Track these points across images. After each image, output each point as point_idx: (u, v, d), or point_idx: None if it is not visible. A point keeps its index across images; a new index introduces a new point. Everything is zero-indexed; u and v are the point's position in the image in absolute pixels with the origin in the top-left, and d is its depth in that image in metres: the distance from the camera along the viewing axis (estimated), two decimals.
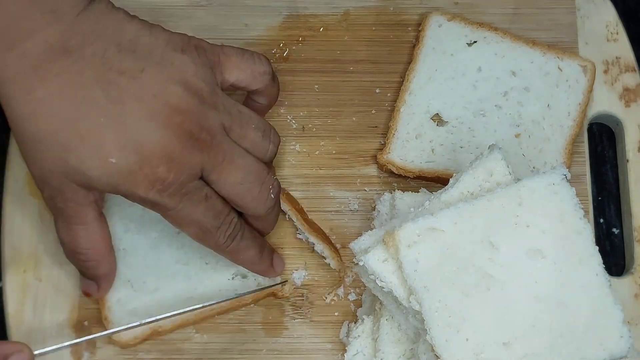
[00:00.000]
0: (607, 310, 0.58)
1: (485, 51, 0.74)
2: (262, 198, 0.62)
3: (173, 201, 0.58)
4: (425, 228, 0.59)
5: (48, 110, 0.55)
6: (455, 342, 0.57)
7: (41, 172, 0.58)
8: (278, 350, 0.69)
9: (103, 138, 0.55)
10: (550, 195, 0.60)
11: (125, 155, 0.56)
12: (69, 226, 0.61)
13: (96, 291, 0.66)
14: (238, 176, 0.60)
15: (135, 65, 0.56)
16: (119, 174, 0.56)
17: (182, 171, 0.57)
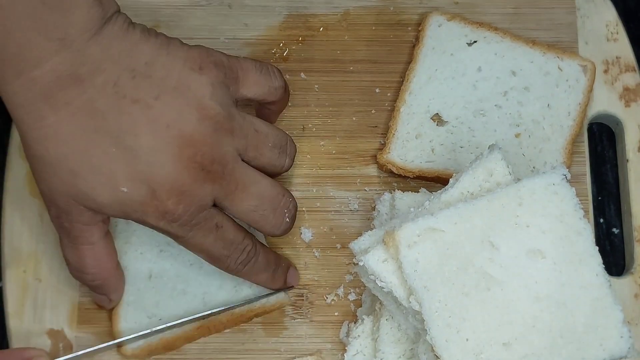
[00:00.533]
0: (607, 311, 0.58)
1: (485, 51, 0.74)
2: (278, 223, 0.62)
3: (183, 231, 0.59)
4: (425, 228, 0.59)
5: (59, 137, 0.55)
6: (455, 342, 0.57)
7: (49, 192, 0.58)
8: (278, 350, 0.69)
9: (114, 168, 0.55)
10: (550, 196, 0.60)
11: (136, 186, 0.56)
12: (75, 246, 0.61)
13: (108, 304, 0.66)
14: (252, 203, 0.60)
15: (149, 92, 0.56)
16: (131, 203, 0.56)
17: (192, 203, 0.57)
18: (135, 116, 0.55)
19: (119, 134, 0.55)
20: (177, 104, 0.56)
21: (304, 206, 0.71)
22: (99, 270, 0.63)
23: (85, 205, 0.57)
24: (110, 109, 0.55)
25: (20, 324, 0.68)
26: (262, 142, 0.61)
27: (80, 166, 0.55)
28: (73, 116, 0.54)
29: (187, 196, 0.57)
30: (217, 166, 0.58)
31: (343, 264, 0.71)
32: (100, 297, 0.66)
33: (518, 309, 0.58)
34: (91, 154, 0.55)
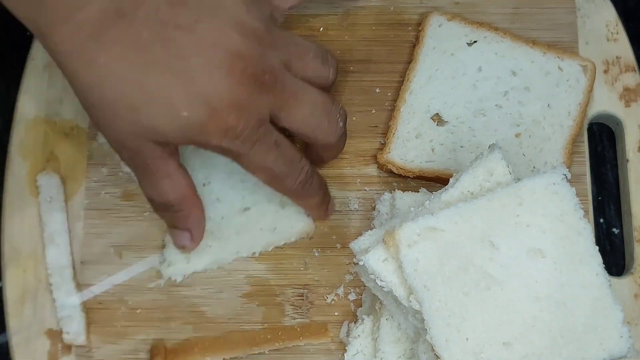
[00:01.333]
0: (607, 310, 0.58)
1: (485, 51, 0.74)
2: (332, 128, 0.64)
3: (245, 148, 0.59)
4: (425, 228, 0.59)
5: (113, 76, 0.56)
6: (455, 341, 0.57)
7: (116, 136, 0.59)
8: (278, 350, 0.69)
9: (171, 94, 0.56)
10: (550, 195, 0.60)
11: (196, 108, 0.57)
12: (155, 181, 0.62)
13: (190, 241, 0.67)
14: (306, 111, 0.61)
15: (189, 17, 0.57)
16: (192, 126, 0.57)
17: (251, 117, 0.58)
18: (181, 41, 0.56)
19: (169, 61, 0.56)
20: (217, 25, 0.58)
21: None
22: (183, 200, 0.63)
23: (152, 139, 0.58)
24: (156, 38, 0.56)
25: (20, 324, 0.68)
26: (304, 52, 0.63)
27: (138, 100, 0.56)
28: (123, 52, 0.56)
29: (246, 110, 0.58)
30: (268, 77, 0.59)
31: (343, 264, 0.71)
32: (181, 235, 0.66)
33: (518, 308, 0.58)
34: (147, 85, 0.56)
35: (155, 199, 0.63)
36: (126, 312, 0.69)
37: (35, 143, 0.72)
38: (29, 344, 0.68)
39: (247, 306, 0.70)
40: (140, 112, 0.56)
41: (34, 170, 0.71)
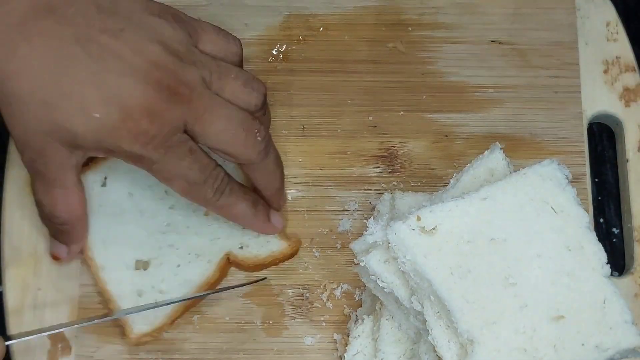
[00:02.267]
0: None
1: None
2: (250, 142, 0.62)
3: (157, 154, 0.59)
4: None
5: (31, 68, 0.56)
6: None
7: (23, 133, 0.58)
8: (278, 350, 0.69)
9: (86, 94, 0.56)
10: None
11: (109, 110, 0.57)
12: (49, 189, 0.62)
13: (65, 254, 0.67)
14: (220, 124, 0.60)
15: (115, 25, 0.58)
16: (104, 128, 0.57)
17: (164, 124, 0.58)
18: (103, 44, 0.57)
19: (89, 61, 0.56)
20: (141, 37, 0.58)
21: (304, 206, 0.71)
22: (69, 215, 0.63)
23: (60, 140, 0.58)
24: (80, 37, 0.57)
25: (20, 324, 0.68)
26: (225, 73, 0.62)
27: (52, 95, 0.56)
28: (45, 46, 0.56)
29: (159, 116, 0.58)
30: (184, 89, 0.59)
31: (343, 264, 0.71)
32: (59, 247, 0.66)
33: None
34: (63, 82, 0.56)
35: (43, 206, 0.63)
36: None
37: None
38: (29, 344, 0.68)
39: (247, 306, 0.70)
40: (53, 109, 0.56)
41: None
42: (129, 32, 0.58)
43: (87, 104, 0.56)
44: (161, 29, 0.60)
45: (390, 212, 0.68)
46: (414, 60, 0.75)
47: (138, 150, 0.58)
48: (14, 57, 0.56)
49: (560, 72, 0.75)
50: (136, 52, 0.58)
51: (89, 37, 0.57)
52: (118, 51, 0.57)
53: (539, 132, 0.74)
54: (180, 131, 0.59)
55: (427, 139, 0.74)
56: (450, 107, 0.75)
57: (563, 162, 0.62)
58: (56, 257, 0.67)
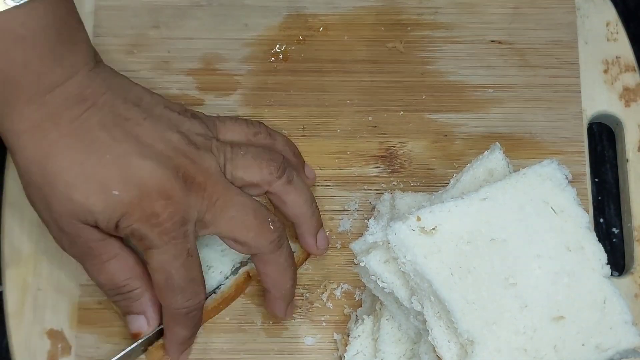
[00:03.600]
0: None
1: None
2: (262, 229, 0.62)
3: (160, 240, 0.59)
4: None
5: (58, 153, 0.57)
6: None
7: (54, 220, 0.59)
8: (278, 350, 0.69)
9: (107, 174, 0.58)
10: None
11: (128, 188, 0.58)
12: (101, 265, 0.61)
13: (146, 325, 0.64)
14: (232, 211, 0.61)
15: (138, 114, 0.60)
16: (121, 205, 0.58)
17: (177, 211, 0.59)
18: (127, 129, 0.59)
19: (112, 143, 0.58)
20: (161, 126, 0.61)
21: None
22: (134, 278, 0.63)
23: (83, 220, 0.59)
24: (105, 123, 0.58)
25: (20, 324, 0.68)
26: (235, 153, 0.63)
27: (76, 178, 0.57)
28: (73, 131, 0.58)
29: (174, 202, 0.59)
30: (201, 177, 0.60)
31: (343, 264, 0.71)
32: (136, 320, 0.64)
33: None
34: (87, 164, 0.58)
35: (104, 284, 0.62)
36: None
37: None
38: (29, 344, 0.68)
39: (247, 306, 0.70)
40: (75, 189, 0.57)
41: None
42: (151, 121, 0.60)
43: (108, 182, 0.58)
44: (181, 123, 0.62)
45: (390, 212, 0.68)
46: (414, 60, 0.75)
47: (145, 230, 0.58)
48: (43, 143, 0.57)
49: (560, 72, 0.75)
50: (157, 138, 0.60)
51: (114, 123, 0.59)
52: (140, 136, 0.59)
53: (538, 131, 0.74)
54: (189, 224, 0.60)
55: (426, 139, 0.74)
56: (450, 107, 0.75)
57: (563, 162, 0.62)
58: (138, 333, 0.65)
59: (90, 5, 0.75)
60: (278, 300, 0.66)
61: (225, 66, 0.75)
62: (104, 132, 0.58)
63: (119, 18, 0.75)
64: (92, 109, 0.58)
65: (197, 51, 0.75)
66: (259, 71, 0.75)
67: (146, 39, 0.75)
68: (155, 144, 0.59)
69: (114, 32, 0.75)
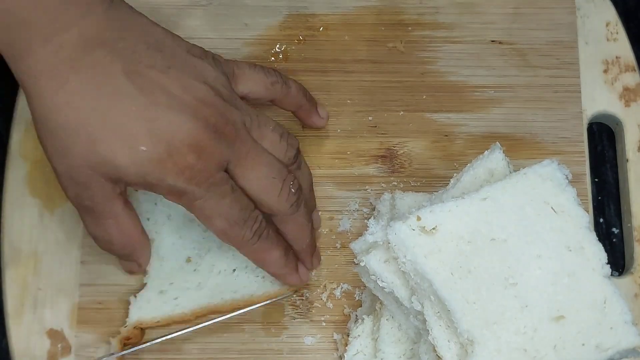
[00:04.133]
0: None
1: None
2: (284, 193, 0.62)
3: (201, 190, 0.59)
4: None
5: (79, 101, 0.56)
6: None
7: (68, 168, 0.58)
8: (278, 350, 0.69)
9: (134, 127, 0.56)
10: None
11: (155, 143, 0.57)
12: (100, 221, 0.62)
13: (138, 269, 0.68)
14: (262, 170, 0.61)
15: (162, 62, 0.58)
16: (149, 162, 0.57)
17: (209, 160, 0.58)
18: (152, 79, 0.57)
19: (137, 95, 0.56)
20: (187, 76, 0.59)
21: None
22: (127, 240, 0.64)
23: (104, 175, 0.58)
24: (129, 71, 0.56)
25: (20, 324, 0.68)
26: (264, 123, 0.63)
27: (100, 129, 0.56)
28: (94, 79, 0.56)
29: (205, 152, 0.58)
30: (230, 128, 0.59)
31: (343, 264, 0.71)
32: (130, 264, 0.68)
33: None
34: (111, 114, 0.56)
35: (98, 238, 0.63)
36: (126, 312, 0.68)
37: (35, 143, 0.71)
38: (28, 344, 0.68)
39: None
40: (99, 142, 0.56)
41: (34, 170, 0.71)
42: (176, 70, 0.58)
43: (134, 137, 0.56)
44: (205, 71, 0.60)
45: (390, 212, 0.68)
46: (414, 60, 0.75)
47: (182, 184, 0.58)
48: (63, 90, 0.56)
49: (560, 72, 0.75)
50: (184, 88, 0.58)
51: (138, 71, 0.57)
52: (167, 87, 0.57)
53: (538, 131, 0.74)
54: (223, 168, 0.59)
55: (426, 139, 0.74)
56: (450, 107, 0.75)
57: (563, 162, 0.62)
58: (131, 271, 0.68)
59: None
60: (300, 254, 0.67)
61: None
62: (128, 80, 0.56)
63: None
64: (113, 54, 0.56)
65: None
66: None
67: None
68: (182, 94, 0.58)
69: None
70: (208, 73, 0.60)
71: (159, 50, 0.58)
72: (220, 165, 0.59)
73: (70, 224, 0.70)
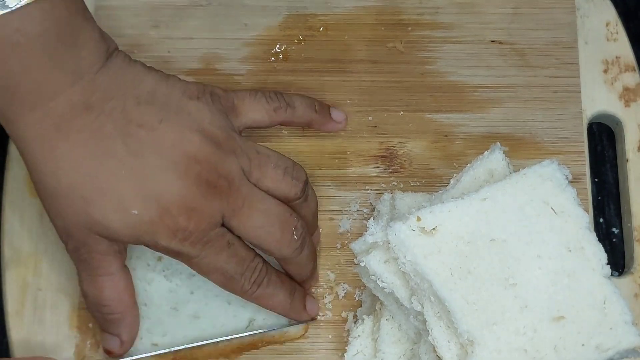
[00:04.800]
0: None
1: None
2: (286, 240, 0.62)
3: (195, 250, 0.59)
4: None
5: (70, 165, 0.56)
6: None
7: (65, 226, 0.59)
8: (278, 350, 0.69)
9: (124, 190, 0.56)
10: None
11: (146, 206, 0.57)
12: (94, 278, 0.61)
13: (118, 347, 0.65)
14: (258, 220, 0.60)
15: (153, 117, 0.58)
16: (141, 225, 0.57)
17: (202, 220, 0.58)
18: (141, 138, 0.57)
19: (127, 156, 0.56)
20: (179, 127, 0.58)
21: None
22: (117, 303, 0.63)
23: (99, 234, 0.58)
24: (118, 133, 0.57)
25: (20, 324, 0.68)
26: (265, 162, 0.62)
27: (91, 192, 0.56)
28: (83, 142, 0.56)
29: (197, 212, 0.58)
30: (223, 181, 0.59)
31: (343, 264, 0.71)
32: (111, 339, 0.65)
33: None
34: (101, 178, 0.56)
35: (89, 296, 0.62)
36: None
37: None
38: (29, 343, 0.68)
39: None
40: (91, 205, 0.56)
41: None
42: (168, 123, 0.58)
43: (125, 200, 0.56)
44: (200, 115, 0.59)
45: (390, 212, 0.68)
46: (414, 60, 0.75)
47: (175, 246, 0.58)
48: (53, 156, 0.56)
49: (559, 72, 0.75)
50: (175, 144, 0.57)
51: (127, 132, 0.57)
52: (157, 145, 0.57)
53: (538, 132, 0.74)
54: (218, 225, 0.59)
55: (426, 139, 0.74)
56: (450, 107, 0.75)
57: (563, 162, 0.62)
58: (109, 351, 0.65)
59: (90, 5, 0.75)
60: (304, 283, 0.67)
61: (225, 66, 0.75)
62: (117, 142, 0.56)
63: (119, 18, 0.75)
64: (101, 117, 0.56)
65: (197, 51, 0.75)
66: (259, 71, 0.74)
67: (146, 39, 0.75)
68: (173, 152, 0.57)
69: (114, 32, 0.74)
70: (203, 116, 0.60)
71: (150, 103, 0.58)
72: (214, 223, 0.59)
73: None
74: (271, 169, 0.62)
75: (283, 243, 0.62)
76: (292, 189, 0.63)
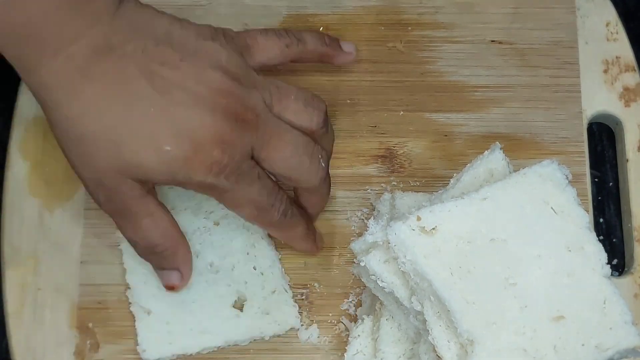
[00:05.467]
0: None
1: None
2: (314, 168, 0.63)
3: (230, 182, 0.59)
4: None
5: (97, 109, 0.56)
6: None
7: (94, 174, 0.58)
8: (278, 350, 0.69)
9: (155, 128, 0.56)
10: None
11: (179, 142, 0.57)
12: (137, 223, 0.61)
13: (180, 279, 0.65)
14: (288, 151, 0.61)
15: (174, 56, 0.58)
16: (175, 161, 0.57)
17: (235, 152, 0.58)
18: (165, 76, 0.57)
19: (154, 95, 0.56)
20: (200, 65, 0.58)
21: None
22: (167, 239, 0.62)
23: (132, 176, 0.58)
24: (141, 73, 0.56)
25: (20, 324, 0.68)
26: (285, 95, 0.62)
27: (121, 134, 0.56)
28: (109, 85, 0.56)
29: (230, 145, 0.58)
30: (250, 114, 0.59)
31: (343, 264, 0.71)
32: (169, 274, 0.65)
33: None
34: (130, 119, 0.56)
35: (139, 242, 0.62)
36: (126, 312, 0.69)
37: (35, 143, 0.72)
38: (28, 344, 0.68)
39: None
40: (123, 147, 0.56)
41: (34, 170, 0.71)
42: (188, 62, 0.58)
43: (157, 138, 0.56)
44: (217, 54, 0.60)
45: (390, 212, 0.68)
46: (414, 60, 0.75)
47: (211, 180, 0.58)
48: (79, 99, 0.56)
49: (559, 72, 0.75)
50: (199, 81, 0.58)
51: (151, 70, 0.57)
52: (181, 82, 0.57)
53: (538, 131, 0.74)
54: (249, 157, 0.59)
55: (426, 139, 0.74)
56: (450, 107, 0.75)
57: (563, 162, 0.62)
58: (171, 287, 0.65)
59: None
60: (313, 214, 0.68)
61: None
62: (143, 82, 0.56)
63: None
64: (123, 58, 0.56)
65: None
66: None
67: None
68: (198, 87, 0.57)
69: None
70: (220, 56, 0.60)
71: (169, 43, 0.58)
72: (245, 155, 0.59)
73: (70, 224, 0.70)
74: (292, 101, 0.62)
75: (312, 172, 0.63)
76: (314, 119, 0.63)
